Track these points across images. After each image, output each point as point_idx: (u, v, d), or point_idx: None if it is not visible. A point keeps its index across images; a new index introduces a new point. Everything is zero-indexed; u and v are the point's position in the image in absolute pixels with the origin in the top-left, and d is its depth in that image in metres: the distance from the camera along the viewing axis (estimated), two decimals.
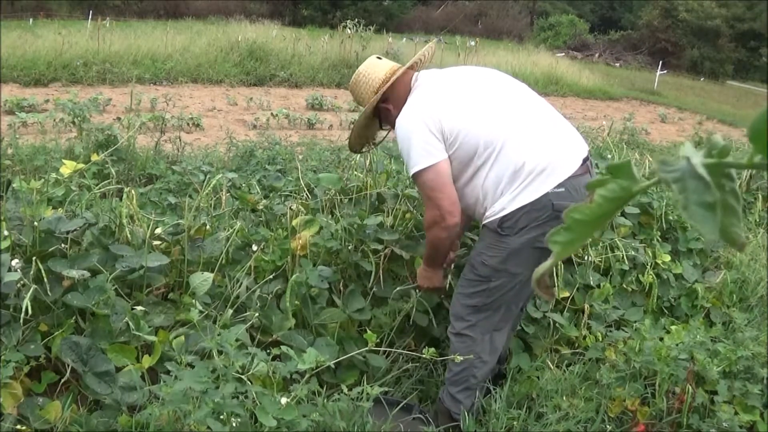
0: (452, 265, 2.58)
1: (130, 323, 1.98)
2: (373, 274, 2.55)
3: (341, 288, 2.55)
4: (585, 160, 2.19)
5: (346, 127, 8.52)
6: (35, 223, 2.11)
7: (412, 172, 2.18)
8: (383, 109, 2.35)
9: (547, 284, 0.64)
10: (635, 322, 2.88)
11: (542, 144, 2.15)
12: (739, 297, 3.37)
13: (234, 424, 1.63)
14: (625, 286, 3.08)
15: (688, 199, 0.47)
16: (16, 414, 1.80)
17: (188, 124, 7.84)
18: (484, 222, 2.21)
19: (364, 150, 2.65)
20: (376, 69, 2.36)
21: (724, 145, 0.49)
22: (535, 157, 2.10)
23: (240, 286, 2.27)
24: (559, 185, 2.09)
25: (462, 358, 2.17)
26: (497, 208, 2.14)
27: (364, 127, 2.49)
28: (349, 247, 2.57)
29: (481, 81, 2.29)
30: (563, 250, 0.55)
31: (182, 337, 2.07)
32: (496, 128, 2.14)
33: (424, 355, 2.05)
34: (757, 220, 4.11)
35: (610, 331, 2.84)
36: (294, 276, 2.35)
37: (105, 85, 10.29)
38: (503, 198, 2.12)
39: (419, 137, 2.14)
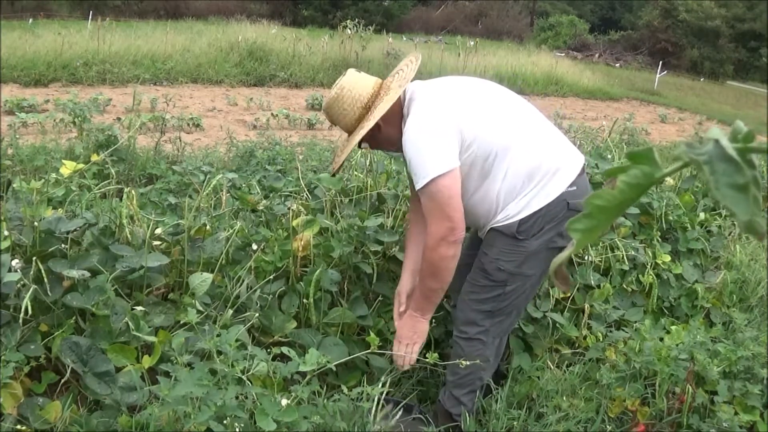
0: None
1: (130, 323, 1.97)
2: (375, 276, 2.55)
3: (345, 288, 2.55)
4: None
5: None
6: (35, 224, 2.11)
7: (430, 178, 1.99)
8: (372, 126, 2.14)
9: (564, 274, 0.63)
10: (635, 322, 2.88)
11: (551, 145, 2.17)
12: (739, 297, 3.37)
13: (237, 430, 1.63)
14: (625, 286, 3.08)
15: (718, 181, 0.47)
16: (16, 414, 1.79)
17: (188, 125, 7.84)
18: (494, 226, 2.15)
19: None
20: (360, 82, 2.18)
21: (749, 130, 0.49)
22: (548, 158, 2.11)
23: (240, 286, 2.27)
24: (572, 184, 2.11)
25: (467, 363, 2.14)
26: (512, 212, 2.11)
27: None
28: (349, 250, 2.57)
29: (479, 88, 2.27)
30: (584, 237, 0.54)
31: (182, 338, 2.07)
32: (507, 132, 2.12)
33: (428, 360, 2.04)
34: None
35: (611, 331, 2.84)
36: (316, 273, 2.35)
37: (105, 86, 10.29)
38: (518, 201, 2.10)
39: (437, 141, 2.03)
